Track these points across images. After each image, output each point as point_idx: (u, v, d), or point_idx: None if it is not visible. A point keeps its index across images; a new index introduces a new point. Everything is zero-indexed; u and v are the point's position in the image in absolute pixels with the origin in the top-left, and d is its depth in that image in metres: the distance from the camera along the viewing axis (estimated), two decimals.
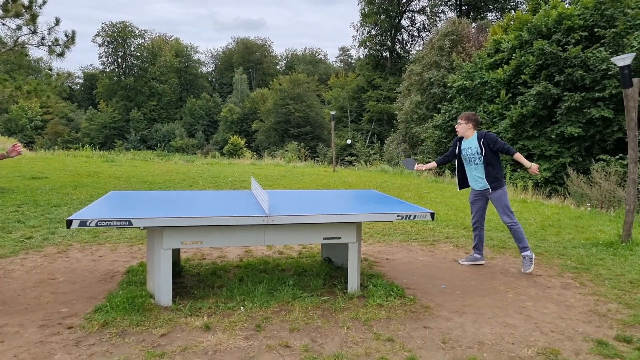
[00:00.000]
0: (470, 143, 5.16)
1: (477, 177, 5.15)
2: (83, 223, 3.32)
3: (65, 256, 5.17)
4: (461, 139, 5.29)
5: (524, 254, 5.03)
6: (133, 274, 4.50)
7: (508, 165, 16.95)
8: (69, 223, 3.31)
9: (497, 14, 42.27)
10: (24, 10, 9.44)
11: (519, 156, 5.06)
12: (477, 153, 5.08)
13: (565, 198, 12.07)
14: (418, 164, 5.38)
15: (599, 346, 3.27)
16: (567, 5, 17.98)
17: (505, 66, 18.12)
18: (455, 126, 5.29)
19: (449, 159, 5.43)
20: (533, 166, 5.07)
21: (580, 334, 3.49)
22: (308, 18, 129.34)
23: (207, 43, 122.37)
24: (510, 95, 17.97)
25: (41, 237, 5.98)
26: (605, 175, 11.66)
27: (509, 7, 41.06)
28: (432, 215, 4.05)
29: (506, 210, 5.03)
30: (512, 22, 20.80)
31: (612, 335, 3.47)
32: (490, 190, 5.06)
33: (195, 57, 72.05)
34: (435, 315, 3.77)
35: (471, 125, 5.20)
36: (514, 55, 17.80)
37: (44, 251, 5.37)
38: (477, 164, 5.10)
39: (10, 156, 4.09)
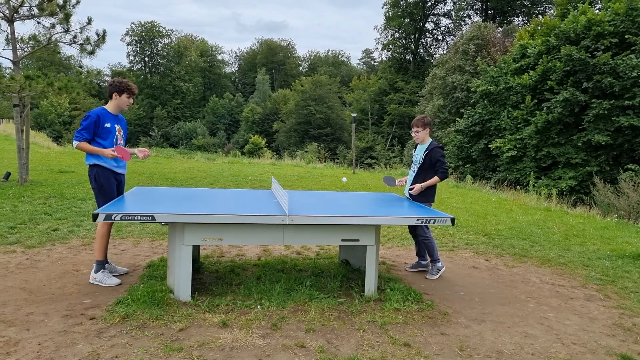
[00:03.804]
0: (420, 150, 4.96)
1: (409, 185, 5.00)
2: (108, 217, 3.39)
3: (89, 249, 5.29)
4: (417, 144, 5.10)
5: (434, 265, 4.93)
6: (154, 269, 4.58)
7: (532, 173, 16.66)
8: (94, 216, 3.39)
9: (523, 19, 41.60)
10: (58, 10, 9.72)
11: (435, 180, 4.77)
12: (418, 163, 4.89)
13: (591, 208, 11.79)
14: (399, 179, 5.17)
15: None
16: (597, 11, 17.58)
17: (532, 71, 17.82)
18: (413, 134, 4.98)
19: None
20: (416, 188, 4.82)
21: (604, 347, 3.41)
22: (330, 20, 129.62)
23: (230, 44, 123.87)
24: (536, 101, 17.66)
25: (67, 229, 6.13)
26: (634, 186, 11.35)
27: (536, 12, 40.35)
28: (453, 220, 4.00)
29: (423, 226, 4.85)
30: (539, 27, 20.44)
31: (637, 350, 3.38)
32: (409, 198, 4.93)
33: (220, 57, 72.97)
34: (453, 322, 3.73)
35: (428, 130, 4.93)
36: (540, 60, 17.49)
37: (69, 243, 5.50)
38: (414, 171, 4.93)
39: (138, 155, 4.48)
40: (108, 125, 4.24)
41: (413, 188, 4.84)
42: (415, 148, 5.14)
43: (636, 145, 15.14)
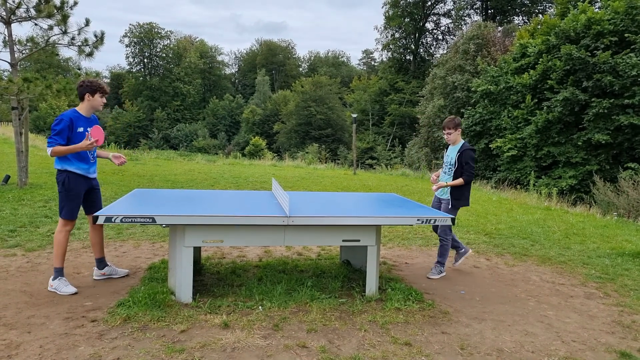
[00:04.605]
0: (452, 152, 5.00)
1: (445, 189, 5.01)
2: (109, 219, 3.40)
3: (89, 251, 5.30)
4: (449, 145, 5.14)
5: (438, 266, 4.98)
6: (155, 271, 4.59)
7: (532, 172, 16.66)
8: (95, 219, 3.40)
9: (523, 18, 41.59)
10: (55, 11, 9.74)
11: (460, 181, 4.79)
12: (452, 165, 4.93)
13: (590, 206, 11.79)
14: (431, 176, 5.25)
15: (622, 358, 3.20)
16: (597, 9, 17.58)
17: (532, 71, 17.82)
18: (445, 136, 5.02)
19: None
20: (438, 185, 4.92)
21: (603, 344, 3.42)
22: (329, 21, 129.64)
23: (229, 45, 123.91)
24: (536, 100, 17.66)
25: None
26: (634, 184, 11.35)
27: (536, 11, 40.35)
28: (453, 220, 4.01)
29: (446, 227, 4.96)
30: (539, 27, 20.44)
31: (636, 347, 3.39)
32: (445, 203, 4.96)
33: (219, 58, 72.96)
34: (453, 320, 3.74)
35: (460, 130, 5.01)
36: (540, 60, 17.49)
37: (69, 246, 5.50)
38: (450, 175, 4.95)
39: (113, 161, 4.36)
40: (81, 129, 4.08)
41: (436, 186, 4.92)
42: (446, 149, 5.17)
43: (636, 143, 15.14)
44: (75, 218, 4.12)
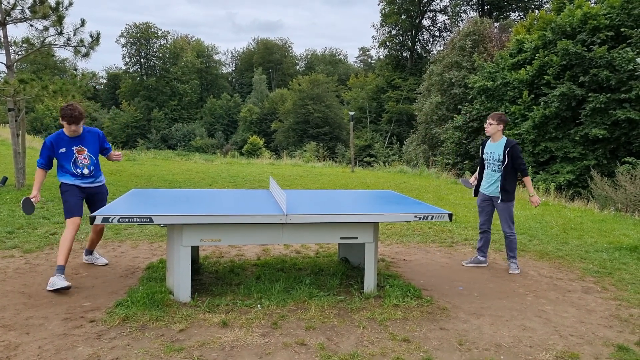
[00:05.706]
0: (495, 148, 5.05)
1: (490, 183, 5.10)
2: (106, 219, 3.40)
3: None
4: (486, 141, 5.21)
5: (514, 260, 5.09)
6: (153, 270, 4.59)
7: (530, 167, 16.69)
8: (92, 219, 3.40)
9: (520, 14, 41.59)
10: (50, 12, 9.70)
11: (528, 180, 5.11)
12: (499, 161, 4.99)
13: (588, 201, 11.81)
14: (469, 178, 5.43)
15: (620, 351, 3.21)
16: (593, 4, 17.59)
17: (528, 66, 17.83)
18: (485, 126, 5.16)
19: (481, 164, 5.33)
20: (534, 198, 5.10)
21: (601, 338, 3.43)
22: (326, 19, 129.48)
23: (226, 44, 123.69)
24: (533, 96, 17.67)
25: None
26: (631, 179, 11.38)
27: (532, 6, 40.35)
28: (450, 216, 4.02)
29: (509, 221, 5.04)
30: (535, 22, 20.45)
31: (633, 340, 3.40)
32: (499, 199, 5.03)
33: (216, 57, 72.81)
34: (452, 316, 3.75)
35: (502, 126, 5.08)
36: (537, 55, 17.50)
37: None
38: (495, 170, 5.03)
39: (110, 159, 4.68)
40: (63, 150, 4.31)
41: (532, 196, 5.10)
42: (484, 146, 5.21)
43: (633, 138, 15.17)
44: (73, 216, 4.25)
